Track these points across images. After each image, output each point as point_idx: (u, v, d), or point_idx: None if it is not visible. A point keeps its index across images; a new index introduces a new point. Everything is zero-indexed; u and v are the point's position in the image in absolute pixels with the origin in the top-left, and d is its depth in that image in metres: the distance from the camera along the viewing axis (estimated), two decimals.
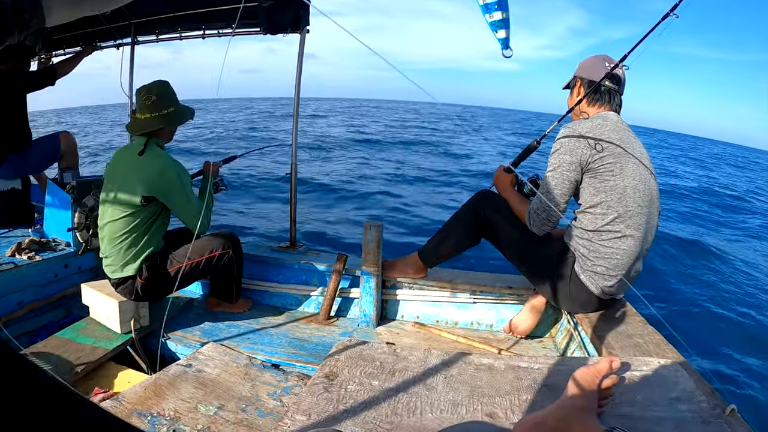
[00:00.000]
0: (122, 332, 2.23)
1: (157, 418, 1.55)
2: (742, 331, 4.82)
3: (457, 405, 1.09)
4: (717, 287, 6.11)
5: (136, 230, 2.22)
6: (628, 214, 1.85)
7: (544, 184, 1.97)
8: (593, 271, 1.93)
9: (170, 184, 2.21)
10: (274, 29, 2.97)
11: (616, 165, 1.84)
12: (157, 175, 2.19)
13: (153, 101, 2.24)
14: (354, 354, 1.33)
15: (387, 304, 2.62)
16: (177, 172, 2.23)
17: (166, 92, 2.29)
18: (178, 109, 2.32)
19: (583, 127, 1.90)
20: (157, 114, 2.24)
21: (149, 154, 2.21)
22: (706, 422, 1.02)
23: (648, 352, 1.63)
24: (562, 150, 1.92)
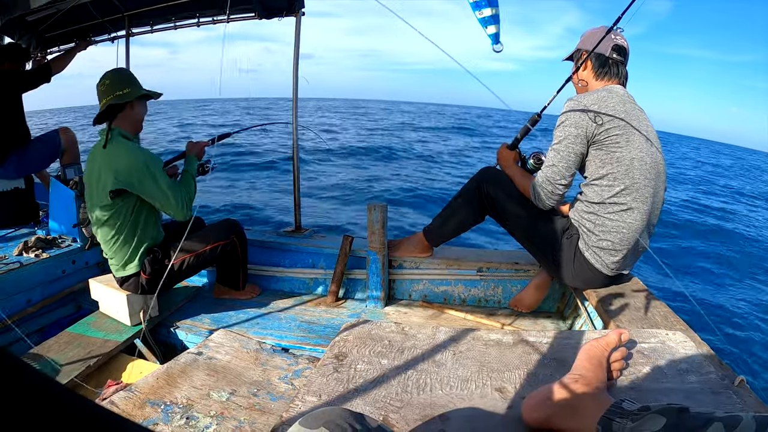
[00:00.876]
0: (132, 324, 2.25)
1: (170, 407, 1.56)
2: (754, 301, 4.82)
3: (467, 381, 1.09)
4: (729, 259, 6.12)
5: (123, 228, 2.18)
6: (634, 186, 1.83)
7: (550, 157, 1.95)
8: (598, 246, 1.91)
9: (138, 174, 2.10)
10: (268, 13, 2.94)
11: (622, 137, 1.81)
12: (124, 166, 2.08)
13: (107, 85, 2.15)
14: (362, 334, 1.34)
15: (394, 284, 2.63)
16: (144, 161, 2.10)
17: (120, 74, 2.21)
18: (134, 90, 2.19)
19: (587, 99, 1.87)
20: (111, 95, 2.14)
21: (111, 146, 2.12)
22: (715, 393, 1.02)
23: (656, 324, 1.63)
24: (567, 123, 1.89)
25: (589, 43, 1.99)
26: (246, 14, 3.10)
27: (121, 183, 2.09)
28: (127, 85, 2.17)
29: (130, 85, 2.19)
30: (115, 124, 2.18)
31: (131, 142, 2.18)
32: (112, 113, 2.16)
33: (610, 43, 1.95)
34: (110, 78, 2.16)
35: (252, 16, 3.07)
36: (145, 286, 2.25)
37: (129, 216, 2.18)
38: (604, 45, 1.94)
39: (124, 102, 2.15)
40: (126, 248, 2.21)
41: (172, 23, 3.40)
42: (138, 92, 2.20)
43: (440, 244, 2.50)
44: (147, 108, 2.32)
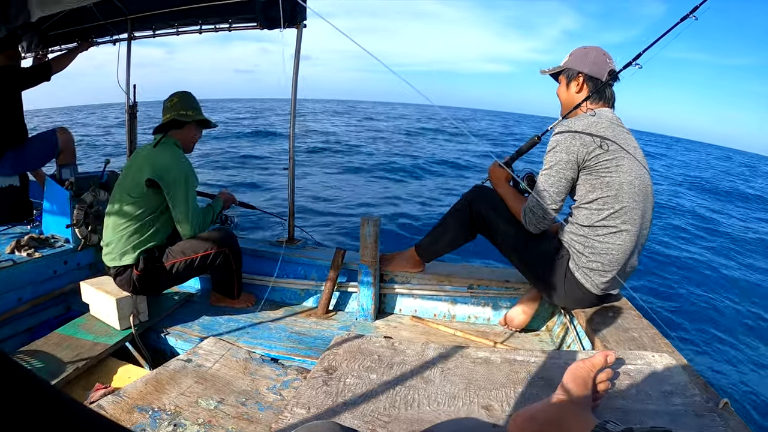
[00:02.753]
0: (121, 328, 2.25)
1: (158, 413, 1.56)
2: (737, 325, 4.86)
3: (454, 398, 1.11)
4: (712, 282, 6.17)
5: (140, 219, 2.27)
6: (623, 210, 1.85)
7: (541, 182, 1.95)
8: (588, 267, 1.93)
9: (175, 180, 2.26)
10: (270, 24, 2.97)
11: (612, 162, 1.84)
12: (163, 164, 2.25)
13: (174, 102, 2.39)
14: (352, 348, 1.35)
15: (385, 298, 2.64)
16: (186, 172, 2.29)
17: (188, 98, 2.43)
18: (196, 113, 2.43)
19: (578, 124, 1.89)
20: (175, 113, 2.36)
21: (162, 147, 2.33)
22: (699, 415, 1.03)
23: (643, 345, 1.65)
24: (558, 148, 1.90)
25: (582, 64, 2.00)
26: (248, 24, 3.14)
27: (158, 177, 2.25)
28: (192, 108, 2.42)
29: (194, 109, 2.43)
30: (172, 135, 2.40)
31: (179, 151, 2.39)
32: (172, 126, 2.39)
33: (606, 67, 1.97)
34: (179, 98, 2.41)
35: (254, 26, 3.10)
36: (136, 282, 2.26)
37: (153, 211, 2.31)
38: (600, 69, 1.97)
39: (185, 121, 2.38)
40: (132, 238, 2.27)
41: (175, 29, 3.42)
42: (199, 116, 2.44)
43: (431, 260, 2.52)
44: (201, 134, 2.56)
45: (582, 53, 2.03)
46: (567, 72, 2.05)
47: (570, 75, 2.05)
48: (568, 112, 2.05)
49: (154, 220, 2.32)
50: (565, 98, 2.08)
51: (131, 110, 3.49)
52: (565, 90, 2.07)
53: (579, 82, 2.02)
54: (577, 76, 2.02)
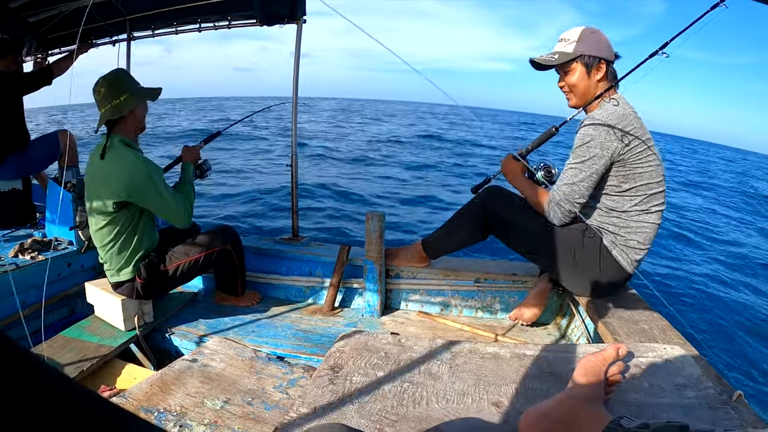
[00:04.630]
0: (126, 329, 2.23)
1: (164, 414, 1.55)
2: (751, 317, 4.82)
3: (463, 394, 1.09)
4: (725, 275, 6.12)
5: (120, 235, 2.16)
6: (654, 194, 1.88)
7: (569, 175, 1.90)
8: (626, 245, 1.92)
9: (141, 188, 2.08)
10: (270, 20, 2.95)
11: (643, 153, 1.83)
12: (123, 180, 2.05)
13: (103, 94, 2.08)
14: (359, 345, 1.33)
15: (391, 294, 2.62)
16: (146, 173, 2.07)
17: (114, 80, 2.11)
18: (131, 95, 2.11)
19: (609, 117, 1.82)
20: (108, 105, 2.08)
21: (111, 157, 2.08)
22: (713, 408, 1.01)
23: (654, 338, 1.62)
24: (592, 144, 1.83)
25: (600, 49, 1.89)
26: (247, 20, 3.12)
27: (124, 197, 2.08)
28: (123, 91, 2.10)
29: (126, 91, 2.11)
30: (116, 130, 2.13)
31: (131, 151, 2.13)
32: (113, 122, 2.13)
33: (611, 49, 1.91)
34: (106, 86, 2.09)
35: (253, 23, 3.08)
36: (140, 290, 2.23)
37: (128, 224, 2.17)
38: (611, 53, 1.90)
39: (121, 114, 2.11)
40: (122, 254, 2.20)
41: (174, 28, 3.40)
42: (135, 99, 2.13)
43: (437, 257, 2.49)
44: (147, 107, 2.28)
45: (594, 37, 1.90)
46: (584, 59, 1.91)
47: (590, 62, 1.91)
48: (590, 102, 1.95)
49: (135, 229, 2.20)
50: (585, 87, 1.95)
51: None
52: (586, 78, 1.93)
53: (602, 70, 1.91)
54: (599, 63, 1.90)
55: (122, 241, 2.18)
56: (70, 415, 0.26)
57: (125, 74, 2.20)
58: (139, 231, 2.22)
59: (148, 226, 2.27)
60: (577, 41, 1.90)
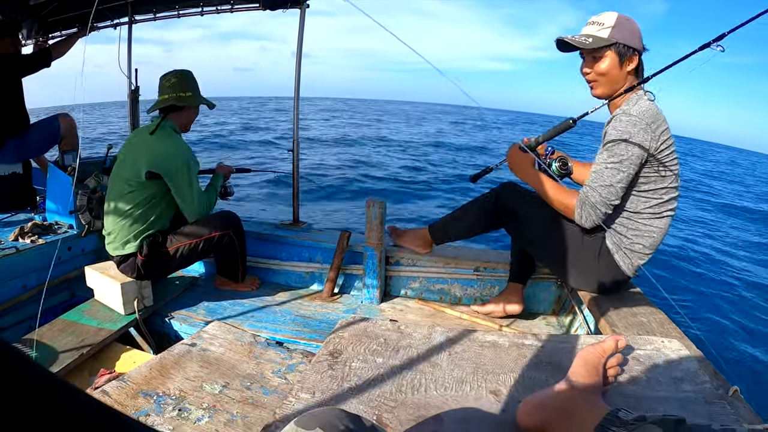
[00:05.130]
0: (126, 313, 2.24)
1: (163, 398, 1.56)
2: (748, 312, 4.84)
3: (462, 382, 1.09)
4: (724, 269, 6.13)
5: (141, 207, 2.24)
6: (668, 198, 1.81)
7: (608, 175, 1.74)
8: (630, 249, 1.86)
9: (176, 168, 2.23)
10: (273, 4, 2.92)
11: (671, 153, 1.75)
12: (164, 155, 2.21)
13: (173, 83, 2.30)
14: (358, 331, 1.33)
15: (390, 281, 2.62)
16: (186, 158, 2.25)
17: (187, 77, 2.34)
18: (195, 95, 2.35)
19: (647, 113, 1.71)
20: (174, 94, 2.29)
21: (160, 134, 2.26)
22: (709, 402, 1.02)
23: (652, 331, 1.62)
24: (632, 141, 1.69)
25: (634, 39, 1.75)
26: (250, 5, 3.08)
27: (159, 168, 2.21)
28: (191, 89, 2.34)
29: (193, 90, 2.35)
30: (170, 118, 2.33)
31: (179, 136, 2.33)
32: (170, 110, 2.32)
33: (642, 42, 1.78)
34: (178, 78, 2.31)
35: (256, 7, 3.05)
36: (141, 268, 2.25)
37: (153, 198, 2.27)
38: (641, 44, 1.77)
39: (183, 105, 2.31)
40: (134, 226, 2.25)
41: (176, 11, 3.37)
42: (197, 99, 2.36)
43: (443, 243, 2.48)
44: (198, 113, 2.50)
45: (629, 25, 1.75)
46: (618, 47, 1.75)
47: (624, 51, 1.76)
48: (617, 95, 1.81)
49: (156, 206, 2.29)
50: (615, 77, 1.80)
51: (133, 95, 3.46)
52: (618, 68, 1.78)
53: (635, 62, 1.77)
54: (633, 54, 1.76)
55: (140, 213, 2.25)
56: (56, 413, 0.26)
57: (193, 75, 2.39)
58: (159, 209, 2.31)
59: (166, 211, 2.36)
60: (613, 27, 1.74)
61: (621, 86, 1.81)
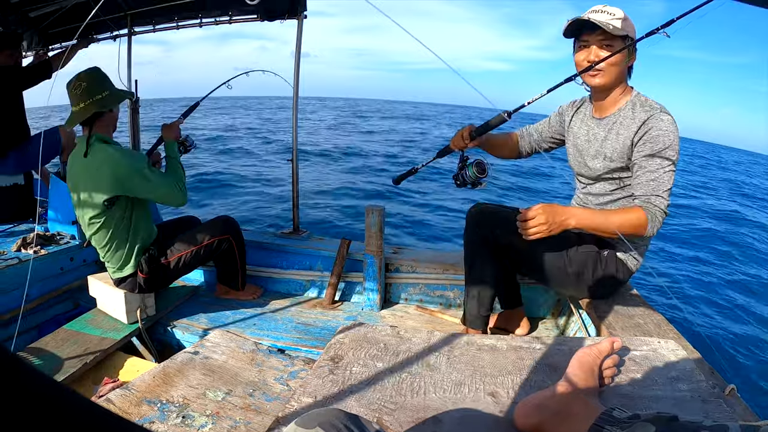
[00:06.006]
0: (129, 322, 2.26)
1: (167, 405, 1.58)
2: (744, 310, 4.85)
3: (460, 385, 1.11)
4: (719, 269, 6.14)
5: (116, 234, 2.18)
6: None
7: (668, 179, 1.63)
8: (638, 251, 1.84)
9: (129, 179, 2.08)
10: (271, 15, 2.96)
11: None
12: (110, 175, 2.05)
13: (84, 88, 2.05)
14: (358, 336, 1.35)
15: (390, 288, 2.64)
16: (130, 164, 2.08)
17: (97, 76, 2.10)
18: (112, 92, 2.13)
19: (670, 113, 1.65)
20: (90, 100, 2.05)
21: (94, 154, 2.08)
22: (705, 401, 1.03)
23: (649, 332, 1.64)
24: (676, 142, 1.63)
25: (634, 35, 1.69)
26: (248, 16, 3.12)
27: (115, 190, 2.09)
28: (105, 88, 2.11)
29: (108, 87, 2.13)
30: (94, 130, 2.12)
31: (112, 145, 2.13)
32: (92, 119, 2.10)
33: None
34: (86, 80, 2.07)
35: (254, 18, 3.09)
36: (143, 284, 2.26)
37: (122, 219, 2.18)
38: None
39: (104, 109, 2.10)
40: (121, 251, 2.22)
41: (175, 23, 3.41)
42: (116, 96, 2.16)
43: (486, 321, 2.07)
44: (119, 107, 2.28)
45: (630, 21, 1.69)
46: (627, 41, 1.67)
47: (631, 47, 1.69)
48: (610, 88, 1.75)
49: (129, 224, 2.21)
50: (620, 72, 1.73)
51: (133, 106, 3.49)
52: (624, 61, 1.71)
53: (634, 59, 1.74)
54: (634, 51, 1.71)
55: (119, 239, 2.20)
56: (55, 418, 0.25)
57: (102, 72, 2.17)
58: (133, 225, 2.23)
59: (142, 219, 2.27)
60: (624, 20, 1.66)
61: (621, 79, 1.75)
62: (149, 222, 2.34)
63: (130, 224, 2.21)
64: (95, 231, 2.17)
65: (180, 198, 2.21)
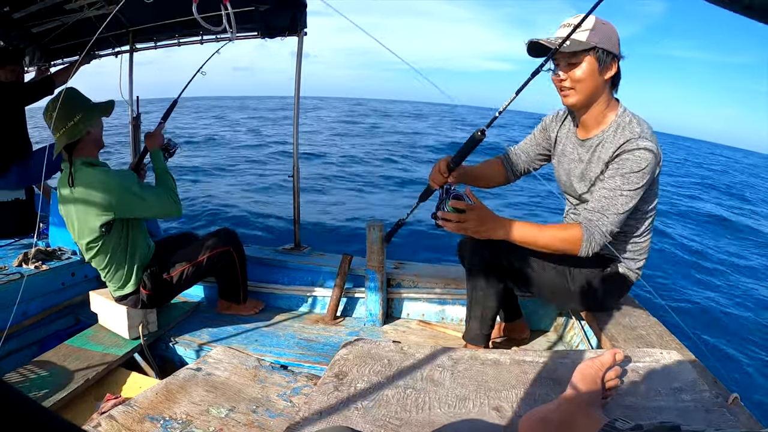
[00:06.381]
0: (131, 338, 2.26)
1: (170, 422, 1.57)
2: (747, 319, 4.84)
3: (465, 399, 1.11)
4: (720, 278, 6.14)
5: (115, 256, 2.19)
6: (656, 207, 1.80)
7: (622, 202, 1.58)
8: (638, 266, 1.85)
9: (121, 201, 2.07)
10: (271, 33, 2.99)
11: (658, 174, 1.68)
12: (101, 200, 2.03)
13: (55, 118, 1.99)
14: (362, 353, 1.35)
15: (392, 303, 2.64)
16: (119, 184, 2.06)
17: (65, 103, 2.00)
18: (84, 115, 2.05)
19: (652, 136, 1.60)
20: (63, 129, 2.01)
21: (80, 181, 2.04)
22: (708, 411, 1.03)
23: (651, 343, 1.65)
24: (647, 170, 1.56)
25: (613, 45, 1.58)
26: (249, 33, 3.16)
27: (109, 214, 2.07)
28: (76, 112, 2.03)
29: (78, 111, 2.04)
30: (76, 155, 2.08)
31: (97, 169, 2.09)
32: (72, 146, 2.07)
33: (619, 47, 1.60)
34: (54, 110, 2.00)
35: (255, 35, 3.13)
36: (146, 301, 2.26)
37: (119, 241, 2.19)
38: (619, 49, 1.61)
39: (78, 137, 2.05)
40: (121, 271, 2.23)
41: (176, 39, 3.45)
42: (89, 119, 2.07)
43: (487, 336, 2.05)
44: (103, 124, 2.21)
45: (607, 29, 1.57)
46: (597, 52, 1.57)
47: (603, 57, 1.58)
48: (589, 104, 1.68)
49: (127, 245, 2.22)
50: (593, 86, 1.62)
51: (135, 121, 3.52)
52: (596, 75, 1.60)
53: (613, 69, 1.60)
54: (612, 60, 1.59)
55: (118, 261, 2.20)
56: None
57: (76, 93, 2.11)
58: (131, 245, 2.23)
59: (139, 238, 2.28)
60: (591, 30, 1.54)
61: (599, 95, 1.66)
62: (146, 239, 2.35)
63: (127, 245, 2.22)
64: (94, 255, 2.17)
65: (175, 209, 2.23)
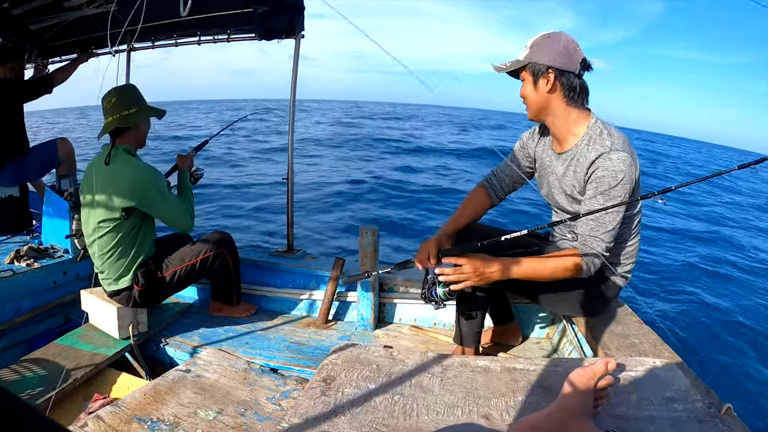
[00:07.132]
0: (121, 338, 2.24)
1: (157, 424, 1.55)
2: (739, 330, 4.84)
3: (453, 407, 1.10)
4: (713, 285, 6.14)
5: (122, 242, 2.19)
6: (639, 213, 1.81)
7: (610, 219, 1.62)
8: (625, 270, 1.87)
9: (147, 193, 2.15)
10: (269, 35, 2.99)
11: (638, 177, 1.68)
12: (130, 186, 2.11)
13: (113, 103, 2.16)
14: (351, 357, 1.34)
15: (384, 308, 2.63)
16: (151, 179, 2.16)
17: (125, 93, 2.21)
18: (140, 109, 2.22)
19: (628, 146, 1.63)
20: (117, 115, 2.16)
21: (116, 163, 2.14)
22: (701, 421, 1.03)
23: (644, 352, 1.64)
24: (625, 180, 1.58)
25: (550, 55, 1.63)
26: (246, 35, 3.16)
27: (131, 201, 2.13)
28: (133, 105, 2.19)
29: (136, 104, 2.21)
30: (120, 141, 2.20)
31: (136, 159, 2.20)
32: (118, 132, 2.19)
33: (578, 57, 1.64)
34: (116, 96, 2.17)
35: (252, 37, 3.12)
36: (138, 299, 2.24)
37: (131, 230, 2.21)
38: (572, 60, 1.64)
39: (128, 125, 2.18)
40: (122, 261, 2.22)
41: (174, 40, 3.44)
42: (143, 113, 2.23)
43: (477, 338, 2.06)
44: (151, 124, 2.37)
45: (548, 42, 1.64)
46: (532, 67, 1.66)
47: (537, 70, 1.66)
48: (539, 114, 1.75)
49: (137, 235, 2.24)
50: (536, 100, 1.71)
51: None
52: (533, 90, 1.70)
53: (549, 79, 1.65)
54: (546, 72, 1.65)
55: (123, 248, 2.20)
56: None
57: (136, 89, 2.27)
58: (140, 239, 2.25)
59: (149, 235, 2.31)
60: (530, 48, 1.66)
61: (549, 109, 1.72)
62: (152, 240, 2.37)
63: (136, 238, 2.24)
64: (101, 235, 2.17)
65: (188, 223, 2.30)
